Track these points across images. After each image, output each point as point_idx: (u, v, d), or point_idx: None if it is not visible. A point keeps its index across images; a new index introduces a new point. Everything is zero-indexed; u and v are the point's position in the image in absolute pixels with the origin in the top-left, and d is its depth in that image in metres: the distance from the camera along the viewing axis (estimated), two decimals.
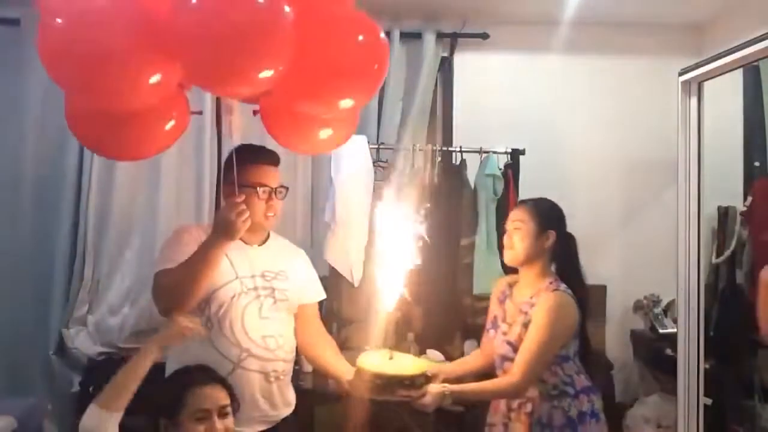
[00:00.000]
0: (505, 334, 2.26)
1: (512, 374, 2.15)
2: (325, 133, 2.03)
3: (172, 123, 1.87)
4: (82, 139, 1.89)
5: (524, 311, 2.23)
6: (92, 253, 3.42)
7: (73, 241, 3.44)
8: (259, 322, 2.08)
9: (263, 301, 2.10)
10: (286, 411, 2.19)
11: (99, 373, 3.28)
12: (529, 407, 2.20)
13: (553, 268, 2.30)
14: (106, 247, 3.41)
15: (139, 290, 3.33)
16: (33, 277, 3.42)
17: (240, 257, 2.12)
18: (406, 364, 2.09)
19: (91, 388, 3.25)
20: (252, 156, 2.12)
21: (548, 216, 2.28)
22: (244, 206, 1.89)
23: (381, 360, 2.07)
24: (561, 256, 2.28)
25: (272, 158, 2.16)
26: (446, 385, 2.14)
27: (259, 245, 2.20)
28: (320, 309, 2.39)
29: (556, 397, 2.19)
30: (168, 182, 3.34)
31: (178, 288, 1.94)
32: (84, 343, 3.37)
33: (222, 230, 1.90)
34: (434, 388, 2.08)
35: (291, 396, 2.22)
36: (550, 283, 2.24)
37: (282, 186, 2.16)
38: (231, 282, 2.08)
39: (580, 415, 2.19)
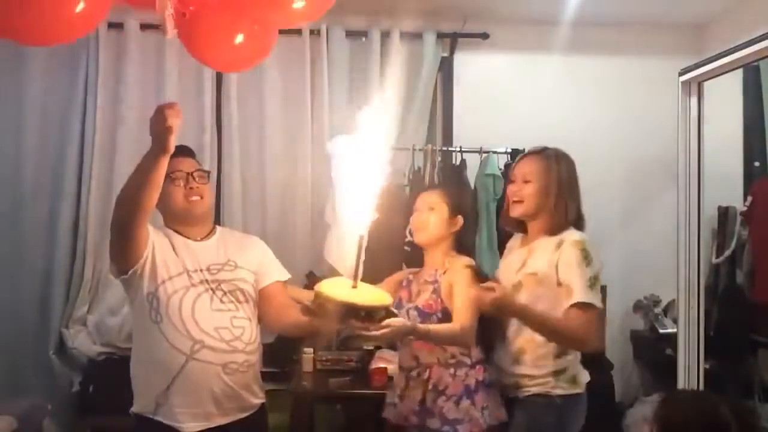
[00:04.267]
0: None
1: (457, 321, 2.17)
2: (239, 40, 1.98)
3: (81, 5, 1.67)
4: None
5: (431, 281, 2.30)
6: (92, 253, 3.42)
7: (73, 241, 3.44)
8: (210, 314, 2.07)
9: (213, 294, 2.10)
10: (252, 404, 2.15)
11: (99, 373, 3.28)
12: (426, 374, 2.24)
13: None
14: (106, 247, 3.39)
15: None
16: (33, 277, 3.42)
17: (187, 252, 2.14)
18: (368, 295, 1.88)
19: (91, 388, 3.25)
20: None
21: (459, 202, 2.40)
22: (170, 111, 1.83)
23: (342, 287, 1.87)
24: (462, 240, 2.38)
25: (183, 150, 2.16)
26: (413, 323, 2.07)
27: (201, 239, 2.20)
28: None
29: (453, 365, 2.22)
30: None
31: (126, 199, 1.99)
32: (84, 343, 3.37)
33: (153, 140, 1.90)
34: (397, 321, 1.96)
35: (257, 387, 2.19)
36: (453, 257, 2.34)
37: (200, 170, 2.19)
38: (179, 275, 2.09)
39: (477, 384, 2.22)
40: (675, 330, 3.25)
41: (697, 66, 3.02)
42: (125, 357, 3.24)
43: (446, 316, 2.26)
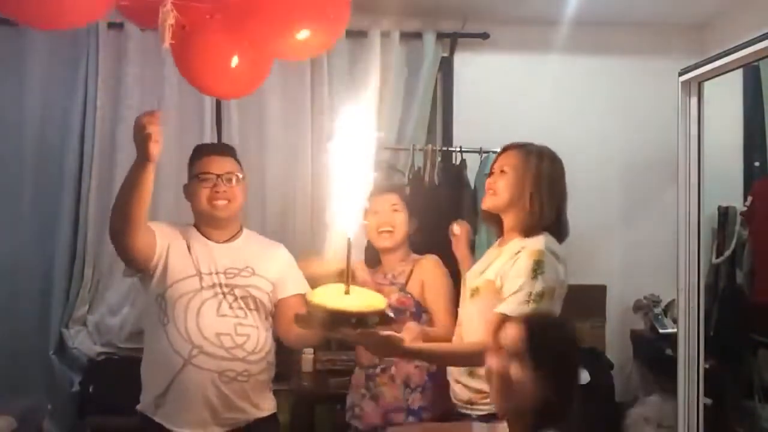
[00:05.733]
0: None
1: (442, 325, 2.24)
2: (234, 62, 1.96)
3: None
4: None
5: (397, 283, 2.36)
6: (92, 253, 3.41)
7: (73, 241, 3.44)
8: (215, 320, 2.06)
9: (223, 299, 2.09)
10: (253, 415, 2.12)
11: (99, 373, 3.28)
12: (392, 370, 2.28)
13: None
14: (106, 247, 3.40)
15: (139, 290, 3.32)
16: (33, 277, 3.42)
17: (203, 254, 2.13)
18: (361, 300, 1.73)
19: (91, 388, 3.25)
20: (196, 152, 2.19)
21: (410, 201, 2.50)
22: (148, 119, 1.86)
23: (333, 293, 1.73)
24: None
25: (216, 149, 2.23)
26: (413, 324, 2.01)
27: (224, 242, 2.19)
28: None
29: None
30: (168, 182, 3.33)
31: (117, 208, 2.01)
32: (84, 343, 3.37)
33: (137, 150, 1.92)
34: (387, 333, 1.81)
35: (261, 399, 2.15)
36: (412, 255, 2.44)
37: (230, 172, 2.16)
38: (190, 277, 2.08)
39: (438, 370, 2.26)
40: (675, 330, 3.25)
41: (697, 66, 3.02)
42: (125, 357, 3.29)
43: (419, 310, 2.31)
